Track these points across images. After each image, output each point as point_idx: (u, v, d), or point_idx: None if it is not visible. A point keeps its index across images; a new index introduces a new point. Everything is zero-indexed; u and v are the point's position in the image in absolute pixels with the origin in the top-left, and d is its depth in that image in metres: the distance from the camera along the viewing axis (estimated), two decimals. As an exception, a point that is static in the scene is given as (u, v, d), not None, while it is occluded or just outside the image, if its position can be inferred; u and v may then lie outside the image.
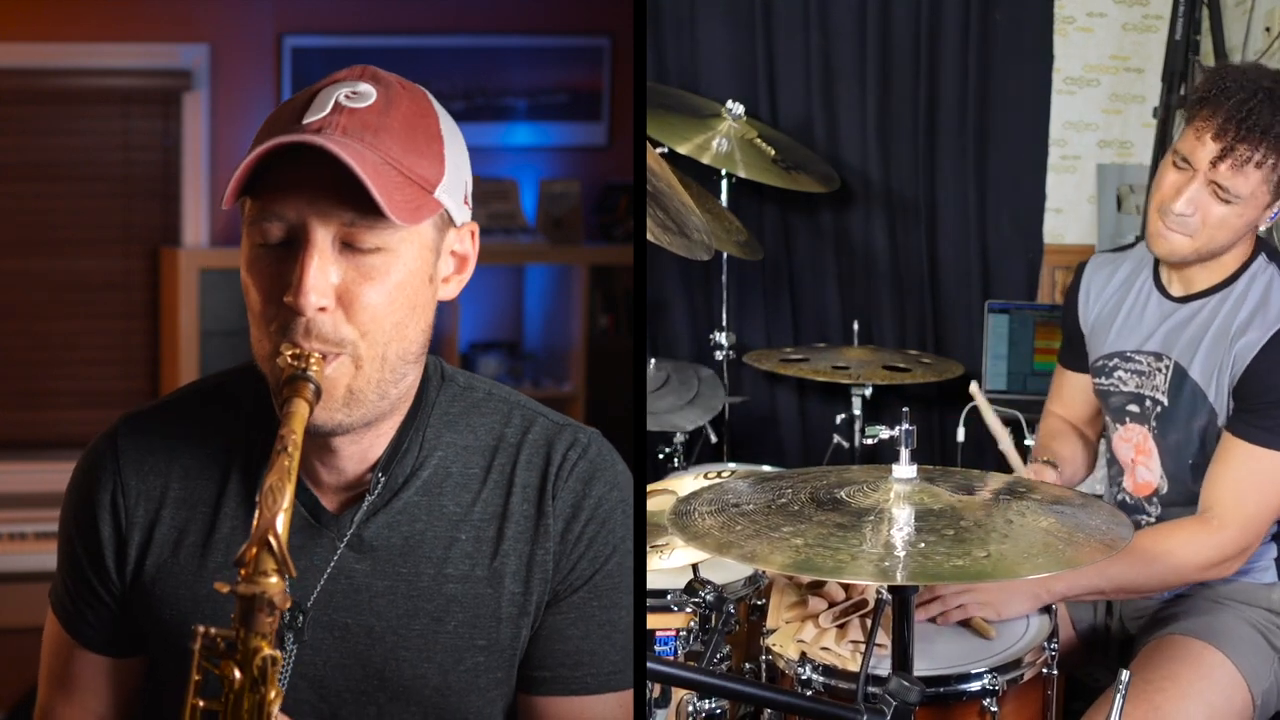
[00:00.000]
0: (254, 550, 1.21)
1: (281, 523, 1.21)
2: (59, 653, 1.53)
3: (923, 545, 1.54)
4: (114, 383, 3.72)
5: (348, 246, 1.32)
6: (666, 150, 3.17)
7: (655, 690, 1.85)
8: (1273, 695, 2.10)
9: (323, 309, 1.31)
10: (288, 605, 1.22)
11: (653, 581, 2.08)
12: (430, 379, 1.46)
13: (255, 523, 1.21)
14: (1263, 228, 2.11)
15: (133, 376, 3.73)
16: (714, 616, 2.00)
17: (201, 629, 1.22)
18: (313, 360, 1.31)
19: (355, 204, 1.29)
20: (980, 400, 2.30)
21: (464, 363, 3.85)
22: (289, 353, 1.31)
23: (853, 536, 1.56)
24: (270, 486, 1.22)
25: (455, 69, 3.76)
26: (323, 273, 1.30)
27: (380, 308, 1.33)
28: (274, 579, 1.21)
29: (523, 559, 1.44)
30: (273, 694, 1.23)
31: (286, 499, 1.22)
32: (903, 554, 1.52)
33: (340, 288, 1.32)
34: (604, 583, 1.46)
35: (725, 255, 3.46)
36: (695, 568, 2.01)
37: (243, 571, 1.21)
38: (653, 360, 3.29)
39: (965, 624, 2.01)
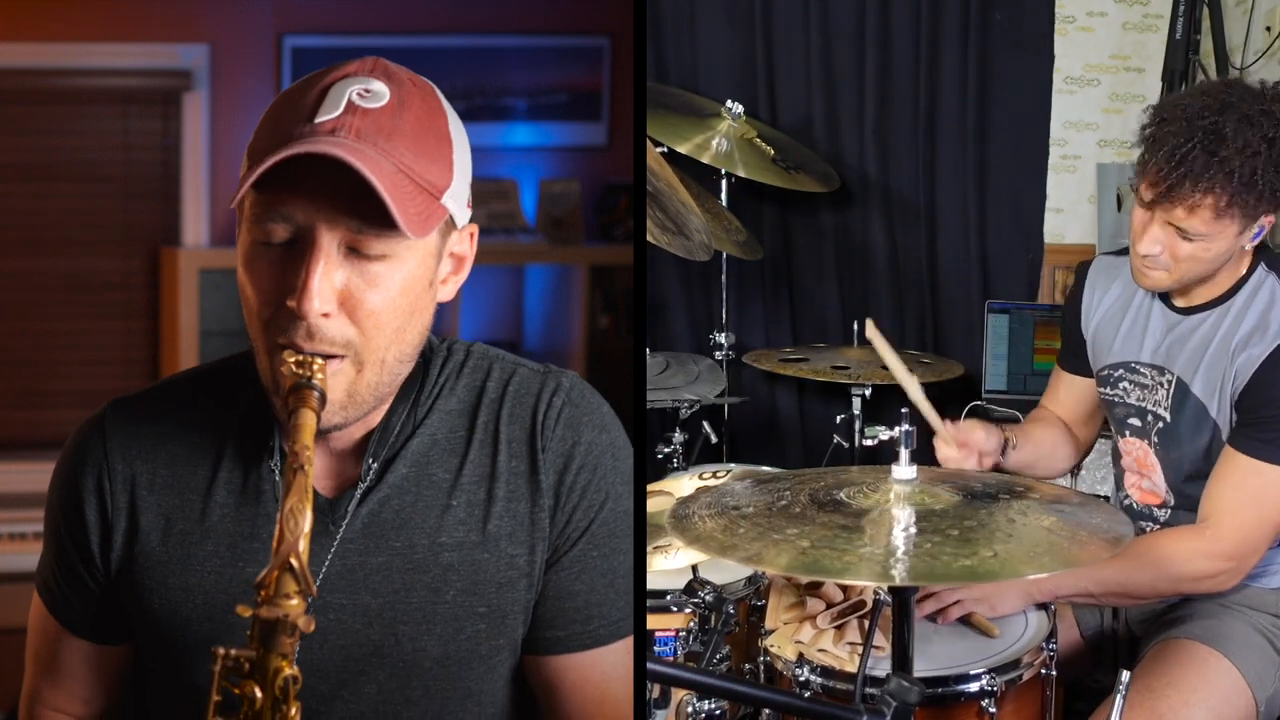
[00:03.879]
0: (275, 573, 1.19)
1: (303, 545, 1.20)
2: (45, 636, 1.53)
3: (929, 546, 1.53)
4: (114, 383, 3.71)
5: (353, 251, 1.31)
6: (666, 150, 3.17)
7: (655, 691, 1.85)
8: (1277, 700, 2.09)
9: (326, 314, 1.30)
10: (311, 629, 1.20)
11: (653, 582, 2.08)
12: (431, 359, 1.46)
13: (275, 545, 1.20)
14: (1248, 246, 2.07)
15: (133, 376, 3.72)
16: (713, 617, 2.00)
17: (222, 650, 1.20)
18: (316, 366, 1.30)
19: (364, 212, 1.27)
20: (878, 341, 2.04)
21: (464, 363, 3.84)
22: (292, 360, 1.30)
23: (857, 537, 1.56)
24: (290, 509, 1.20)
25: (455, 69, 3.75)
26: (328, 278, 1.29)
27: (383, 313, 1.33)
28: (295, 601, 1.19)
29: (519, 520, 1.43)
30: (294, 712, 1.22)
31: (307, 522, 1.20)
32: (909, 554, 1.52)
33: (344, 293, 1.31)
34: (600, 530, 1.46)
35: (725, 255, 3.46)
36: (695, 568, 2.01)
37: (263, 594, 1.19)
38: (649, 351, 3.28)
39: (966, 622, 2.01)
